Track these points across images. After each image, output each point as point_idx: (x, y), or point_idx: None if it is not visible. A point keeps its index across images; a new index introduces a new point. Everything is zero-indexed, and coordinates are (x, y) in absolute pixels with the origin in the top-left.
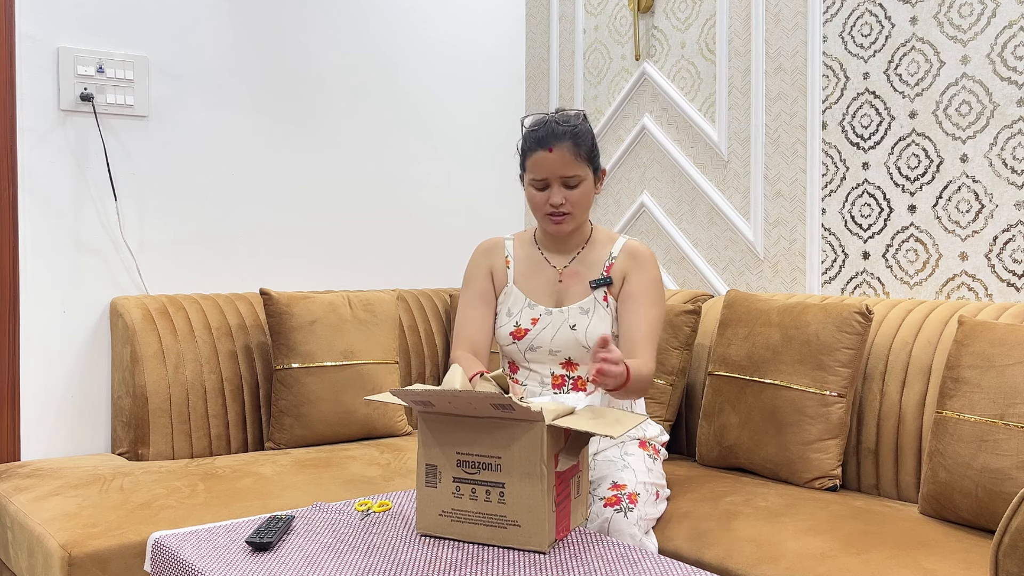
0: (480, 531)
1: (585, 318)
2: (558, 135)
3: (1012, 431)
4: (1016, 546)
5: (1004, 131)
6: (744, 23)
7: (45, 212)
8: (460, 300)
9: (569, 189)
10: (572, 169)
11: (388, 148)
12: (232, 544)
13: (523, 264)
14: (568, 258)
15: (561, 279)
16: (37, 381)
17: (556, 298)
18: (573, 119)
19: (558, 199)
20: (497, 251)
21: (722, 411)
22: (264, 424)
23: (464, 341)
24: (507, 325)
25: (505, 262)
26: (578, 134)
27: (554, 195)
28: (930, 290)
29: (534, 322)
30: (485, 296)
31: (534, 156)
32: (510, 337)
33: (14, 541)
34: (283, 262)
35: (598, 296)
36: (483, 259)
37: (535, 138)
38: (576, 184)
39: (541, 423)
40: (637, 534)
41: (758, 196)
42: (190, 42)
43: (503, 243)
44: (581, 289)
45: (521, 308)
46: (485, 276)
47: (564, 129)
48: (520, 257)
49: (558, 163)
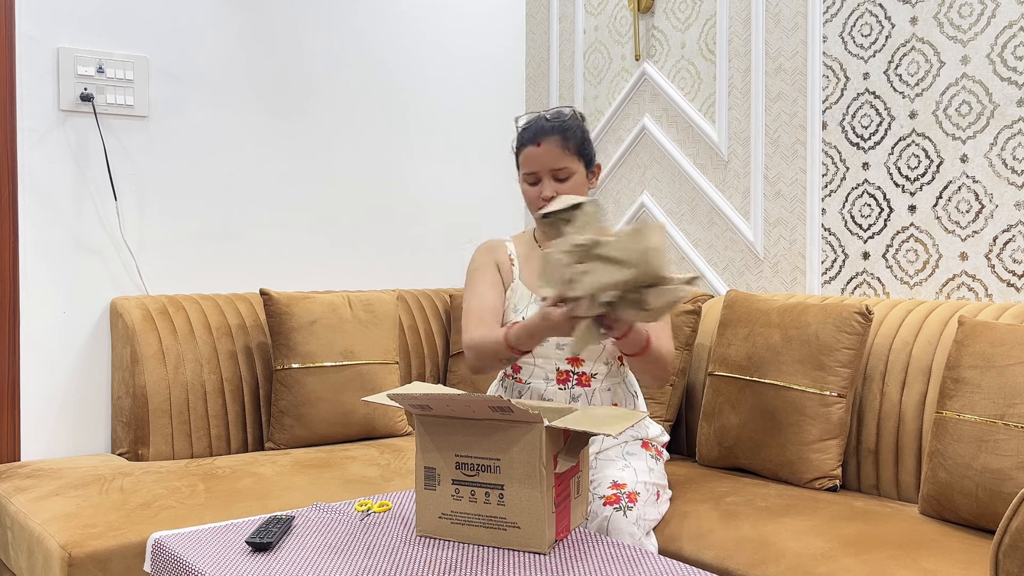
0: (480, 533)
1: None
2: (546, 130)
3: (1012, 431)
4: (1016, 546)
5: (1004, 131)
6: (744, 23)
7: (45, 212)
8: (468, 291)
9: (560, 182)
10: (561, 162)
11: (388, 148)
12: (232, 544)
13: (526, 262)
14: None
15: None
16: (37, 381)
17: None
18: (563, 115)
19: (549, 192)
20: (500, 250)
21: (722, 411)
22: (264, 424)
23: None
24: (514, 320)
25: (509, 260)
26: (567, 128)
27: (545, 188)
28: (930, 290)
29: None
30: (495, 285)
31: (524, 151)
32: None
33: (14, 541)
34: (283, 262)
35: None
36: (488, 255)
37: (525, 135)
38: (566, 177)
39: (540, 425)
40: (636, 533)
41: (758, 196)
42: (190, 42)
43: (504, 243)
44: None
45: (527, 304)
46: (493, 268)
47: (553, 124)
48: (522, 255)
49: (546, 156)
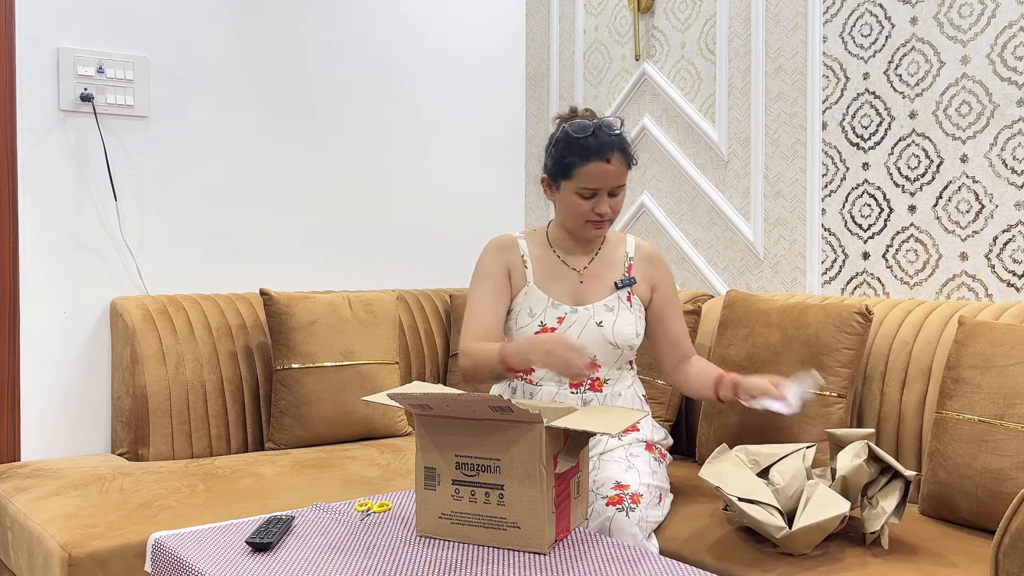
0: (480, 533)
1: (611, 315)
2: (615, 145)
3: (1012, 431)
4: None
5: (1004, 131)
6: (744, 23)
7: (45, 212)
8: (472, 293)
9: (612, 197)
10: (623, 179)
11: (388, 148)
12: (232, 544)
13: (540, 264)
14: (587, 259)
15: (583, 280)
16: (37, 381)
17: (577, 299)
18: (617, 126)
19: (605, 208)
20: (512, 248)
21: (722, 412)
22: (264, 424)
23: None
24: (531, 325)
25: (522, 261)
26: (626, 144)
27: (602, 204)
28: (930, 290)
29: (560, 320)
30: (501, 292)
31: (588, 166)
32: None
33: (14, 541)
34: (283, 262)
35: (622, 296)
36: (499, 255)
37: (590, 147)
38: (618, 192)
39: (540, 425)
40: (638, 534)
41: (758, 196)
42: (190, 42)
43: (516, 241)
44: (603, 288)
45: (544, 308)
46: (502, 272)
47: (616, 139)
48: (536, 256)
49: (615, 175)
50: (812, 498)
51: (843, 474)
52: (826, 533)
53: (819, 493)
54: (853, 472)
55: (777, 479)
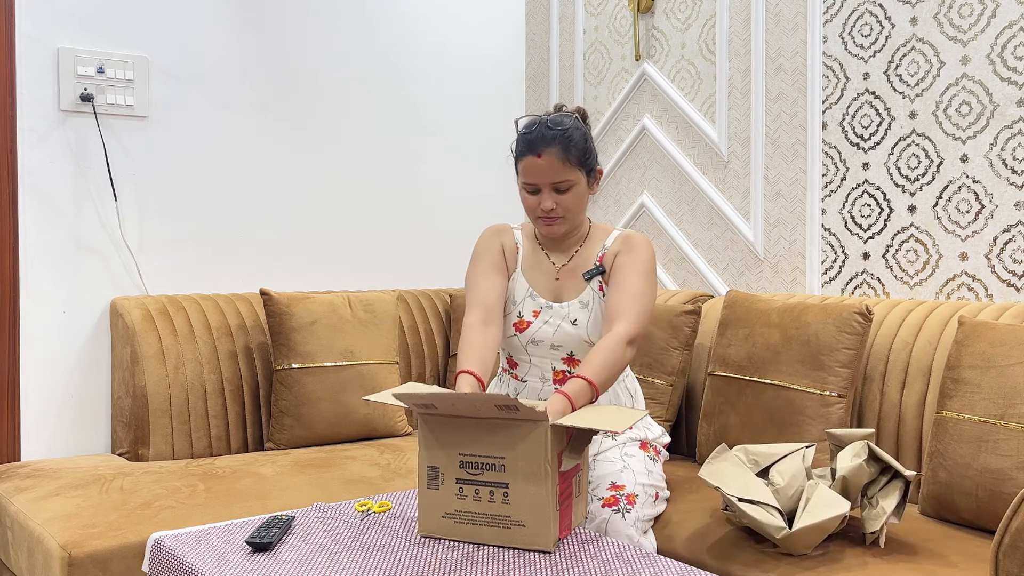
0: (484, 532)
1: (586, 312)
2: (547, 140)
3: (1012, 431)
4: (1016, 546)
5: (1004, 131)
6: (744, 23)
7: (45, 212)
8: (471, 271)
9: (560, 193)
10: (561, 175)
11: (388, 148)
12: (232, 544)
13: (528, 254)
14: (567, 256)
15: (558, 277)
16: (37, 381)
17: (554, 294)
18: (565, 121)
19: (548, 204)
20: (507, 233)
21: (722, 412)
22: (264, 424)
23: (478, 306)
24: (511, 315)
25: (515, 246)
26: (568, 138)
27: (544, 200)
28: (930, 290)
29: (535, 314)
30: (499, 267)
31: (524, 161)
32: (513, 329)
33: (14, 541)
34: (283, 262)
35: (594, 287)
36: (495, 237)
37: (525, 142)
38: (567, 189)
39: (545, 423)
40: (634, 535)
41: (758, 196)
42: (190, 42)
43: (511, 229)
44: (578, 284)
45: (523, 297)
46: (499, 251)
47: (554, 133)
48: (526, 247)
49: (547, 169)
50: (812, 498)
51: (843, 474)
52: (826, 533)
53: (819, 493)
54: (853, 472)
55: (777, 479)
